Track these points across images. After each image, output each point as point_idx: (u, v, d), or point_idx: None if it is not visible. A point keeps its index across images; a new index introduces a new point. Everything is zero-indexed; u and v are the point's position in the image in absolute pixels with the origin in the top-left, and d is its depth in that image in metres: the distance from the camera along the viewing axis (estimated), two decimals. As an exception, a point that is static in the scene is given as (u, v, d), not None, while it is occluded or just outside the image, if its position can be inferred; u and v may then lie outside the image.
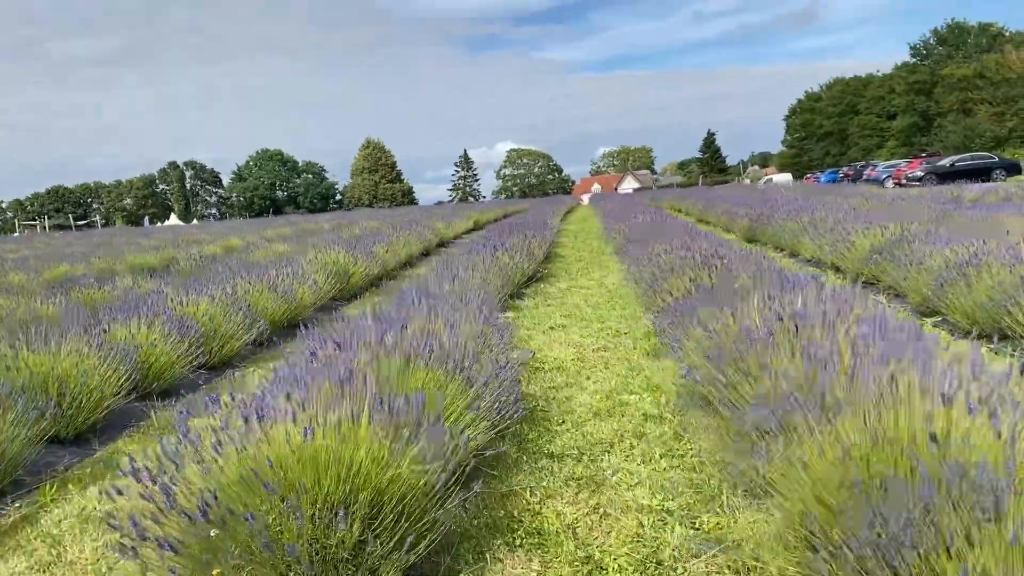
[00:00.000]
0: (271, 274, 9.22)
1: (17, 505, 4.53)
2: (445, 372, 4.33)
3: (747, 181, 77.45)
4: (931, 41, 75.16)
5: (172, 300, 7.54)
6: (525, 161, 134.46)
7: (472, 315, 5.64)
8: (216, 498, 2.89)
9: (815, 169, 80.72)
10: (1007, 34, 70.07)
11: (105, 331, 6.16)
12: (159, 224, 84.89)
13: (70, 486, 4.75)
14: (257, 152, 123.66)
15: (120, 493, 4.61)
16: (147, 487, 3.14)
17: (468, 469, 3.75)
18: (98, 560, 3.79)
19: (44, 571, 3.75)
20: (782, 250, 13.56)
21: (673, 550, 3.48)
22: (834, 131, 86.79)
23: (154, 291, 8.69)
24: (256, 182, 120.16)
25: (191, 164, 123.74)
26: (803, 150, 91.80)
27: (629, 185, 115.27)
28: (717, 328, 4.91)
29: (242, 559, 2.85)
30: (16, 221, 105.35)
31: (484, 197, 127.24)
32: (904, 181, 42.12)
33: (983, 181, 35.46)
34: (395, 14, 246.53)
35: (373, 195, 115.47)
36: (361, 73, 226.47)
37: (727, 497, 3.89)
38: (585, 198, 73.91)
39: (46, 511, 4.43)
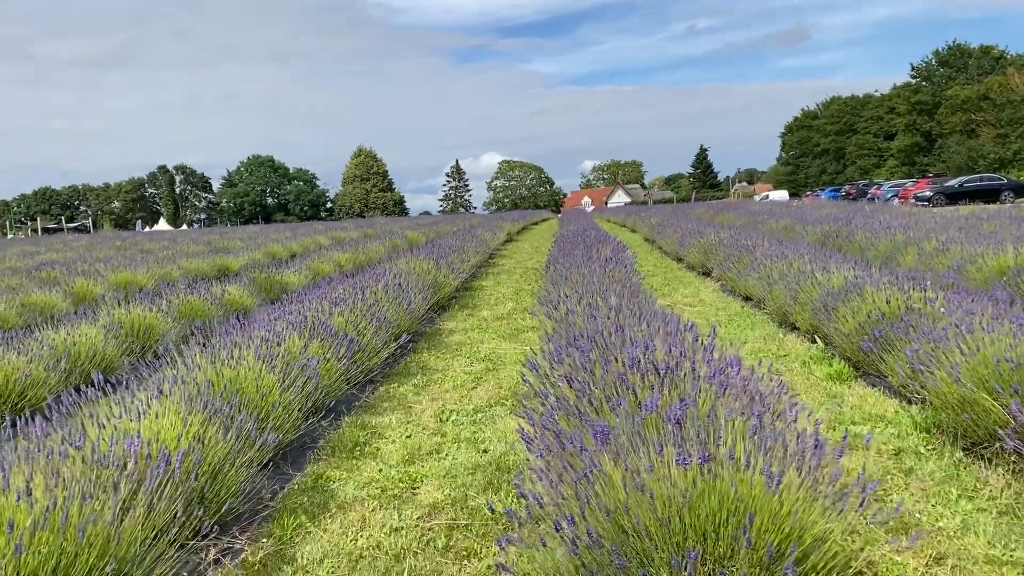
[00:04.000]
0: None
1: (261, 540, 4.07)
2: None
3: (754, 197, 77.57)
4: (933, 63, 75.84)
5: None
6: (517, 173, 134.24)
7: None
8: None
9: (812, 187, 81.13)
10: (1008, 57, 70.76)
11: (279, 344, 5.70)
12: (148, 229, 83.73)
13: (302, 517, 4.30)
14: (248, 158, 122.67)
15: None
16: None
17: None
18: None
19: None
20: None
21: None
22: (831, 149, 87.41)
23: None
24: (247, 188, 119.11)
25: (181, 168, 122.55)
26: (799, 167, 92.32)
27: (620, 199, 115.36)
28: None
29: None
30: (7, 222, 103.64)
31: (475, 208, 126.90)
32: (912, 201, 42.30)
33: (989, 202, 35.53)
34: (384, 23, 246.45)
35: (364, 203, 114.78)
36: (349, 82, 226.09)
37: None
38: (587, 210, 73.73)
39: (294, 548, 3.98)
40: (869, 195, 50.20)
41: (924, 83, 75.96)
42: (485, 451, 5.28)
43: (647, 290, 12.38)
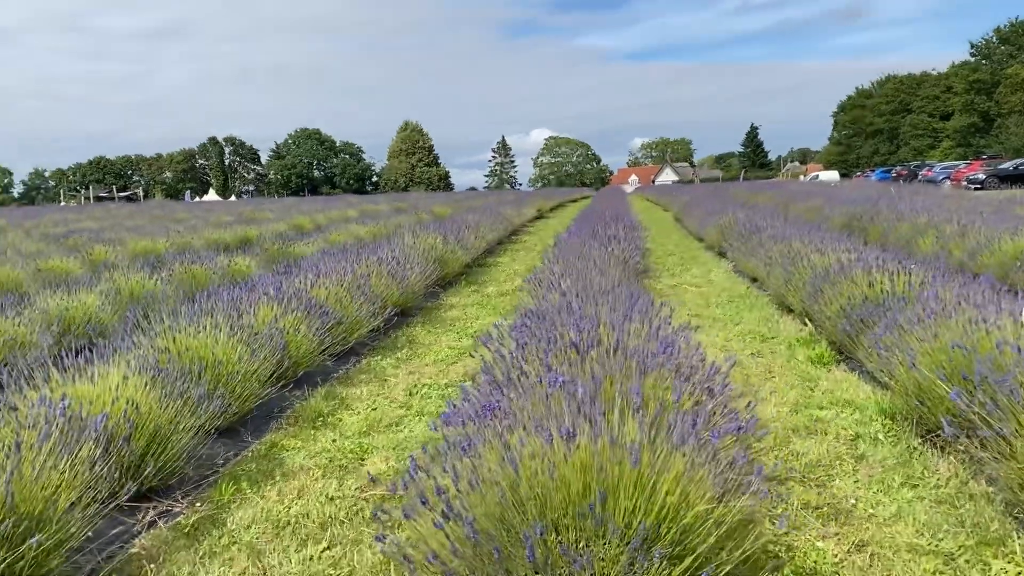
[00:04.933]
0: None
1: (197, 504, 4.16)
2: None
3: (800, 178, 75.94)
4: (993, 40, 73.12)
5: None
6: (563, 150, 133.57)
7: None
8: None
9: (863, 167, 79.27)
10: (1074, 35, 67.95)
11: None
12: (198, 199, 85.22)
13: (243, 484, 4.38)
14: (296, 130, 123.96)
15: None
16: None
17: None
18: (311, 576, 3.41)
19: (253, 585, 3.37)
20: None
21: None
22: (884, 129, 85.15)
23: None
24: (294, 160, 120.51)
25: (230, 140, 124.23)
26: (851, 147, 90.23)
27: (668, 177, 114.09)
28: None
29: None
30: (62, 190, 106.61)
31: (520, 185, 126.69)
32: (964, 183, 41.02)
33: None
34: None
35: (409, 178, 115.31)
36: (398, 55, 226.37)
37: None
38: (627, 188, 73.06)
39: (227, 513, 4.06)
40: (920, 177, 48.82)
41: (983, 61, 73.37)
42: (443, 425, 5.30)
43: (649, 268, 12.29)
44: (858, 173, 70.48)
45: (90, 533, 3.46)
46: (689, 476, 2.77)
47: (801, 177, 77.40)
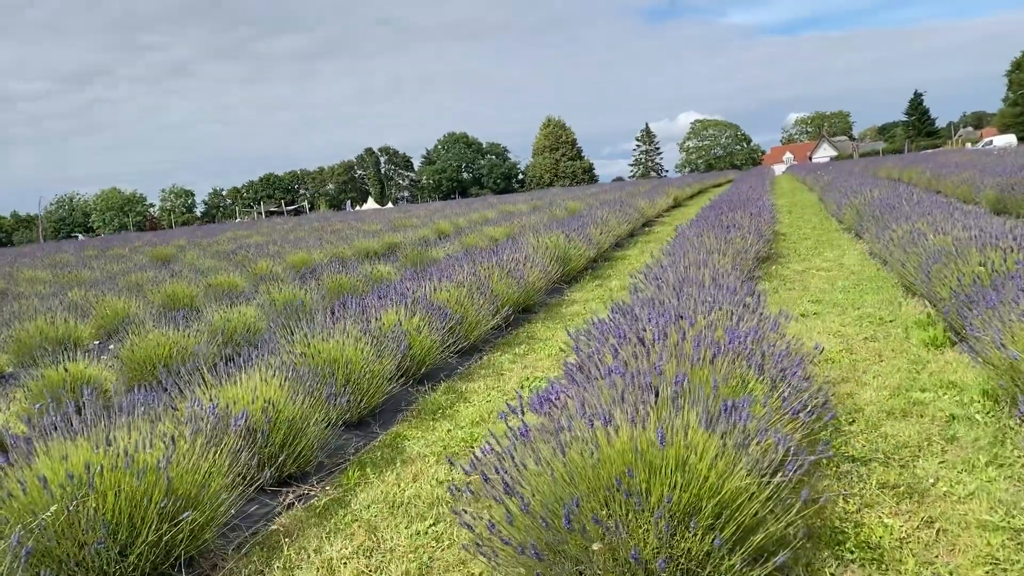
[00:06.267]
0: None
1: (328, 488, 4.79)
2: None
3: (966, 145, 70.49)
4: None
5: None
6: (711, 132, 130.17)
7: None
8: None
9: (1045, 128, 72.56)
10: None
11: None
12: (358, 208, 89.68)
13: (368, 470, 4.98)
14: (444, 135, 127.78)
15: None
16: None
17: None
18: (417, 548, 3.92)
19: (367, 556, 3.92)
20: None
21: None
22: (1069, 84, 77.45)
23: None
24: (444, 164, 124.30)
25: (385, 150, 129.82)
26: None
27: (825, 153, 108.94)
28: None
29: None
30: (237, 208, 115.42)
31: (666, 172, 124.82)
32: None
33: None
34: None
35: (554, 173, 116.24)
36: (540, 52, 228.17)
37: None
38: (778, 168, 70.51)
39: (352, 495, 4.66)
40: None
41: None
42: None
43: (779, 254, 12.13)
44: (1038, 135, 64.57)
45: (236, 512, 4.14)
46: (728, 455, 3.05)
47: (968, 145, 71.87)
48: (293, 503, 4.65)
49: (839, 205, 15.44)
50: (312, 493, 4.79)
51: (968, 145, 69.50)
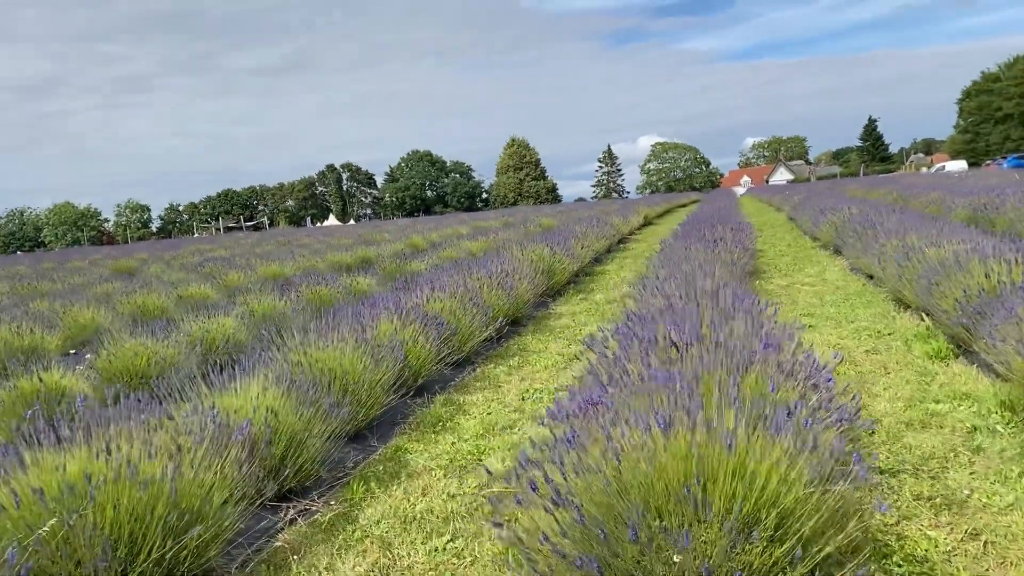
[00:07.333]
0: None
1: (332, 503, 4.53)
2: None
3: (921, 170, 72.26)
4: None
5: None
6: (671, 155, 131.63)
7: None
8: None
9: (993, 155, 74.82)
10: None
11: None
12: (319, 224, 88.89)
13: (372, 484, 4.73)
14: (408, 153, 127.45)
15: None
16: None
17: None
18: (438, 566, 3.69)
19: (384, 574, 3.68)
20: None
21: None
22: (1015, 114, 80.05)
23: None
24: (408, 182, 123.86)
25: (347, 166, 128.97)
26: (979, 135, 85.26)
27: (782, 176, 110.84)
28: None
29: None
30: (194, 223, 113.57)
31: (628, 193, 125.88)
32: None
33: None
34: (537, 13, 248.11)
35: (519, 192, 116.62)
36: (504, 72, 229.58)
37: None
38: (738, 190, 71.49)
39: (359, 510, 4.41)
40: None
41: None
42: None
43: (761, 269, 12.13)
44: (988, 162, 66.49)
45: (241, 526, 3.86)
46: (793, 463, 2.88)
47: (924, 169, 73.70)
48: (295, 518, 4.39)
49: (815, 223, 15.57)
50: (314, 508, 4.53)
51: (924, 169, 71.23)
